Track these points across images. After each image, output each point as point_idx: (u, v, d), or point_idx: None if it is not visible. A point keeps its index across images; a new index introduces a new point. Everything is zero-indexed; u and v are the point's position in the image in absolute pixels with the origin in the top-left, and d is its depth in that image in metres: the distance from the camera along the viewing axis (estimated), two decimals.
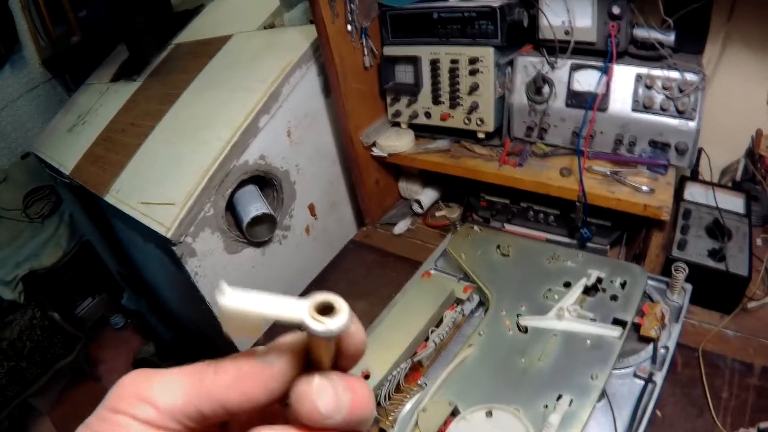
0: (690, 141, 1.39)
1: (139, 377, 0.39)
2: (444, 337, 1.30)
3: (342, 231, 2.00)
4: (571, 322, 1.20)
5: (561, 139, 1.56)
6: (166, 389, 0.38)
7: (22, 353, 3.10)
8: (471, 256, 1.46)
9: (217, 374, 0.39)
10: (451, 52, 1.56)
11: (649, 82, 1.40)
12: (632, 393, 1.14)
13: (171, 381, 0.39)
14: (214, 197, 1.56)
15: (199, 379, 0.39)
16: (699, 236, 1.42)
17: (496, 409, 1.04)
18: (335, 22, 1.54)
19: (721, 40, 1.53)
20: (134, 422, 0.37)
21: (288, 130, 1.70)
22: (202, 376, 0.39)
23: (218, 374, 0.39)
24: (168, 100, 2.02)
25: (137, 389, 0.38)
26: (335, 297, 0.38)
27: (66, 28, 3.15)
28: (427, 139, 1.78)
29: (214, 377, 0.39)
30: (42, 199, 3.38)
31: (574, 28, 1.42)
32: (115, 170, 1.90)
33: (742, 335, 1.30)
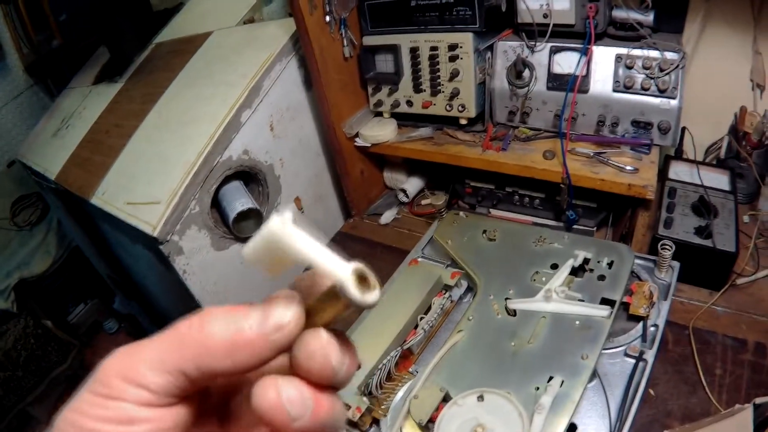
0: (672, 120, 1.39)
1: (123, 359, 0.38)
2: (433, 323, 1.30)
3: (329, 223, 1.99)
4: (560, 303, 1.20)
5: (543, 122, 1.56)
6: (153, 368, 0.37)
7: (18, 362, 3.09)
8: (457, 242, 1.46)
9: (207, 342, 0.37)
10: (430, 40, 1.56)
11: (629, 63, 1.40)
12: (623, 372, 1.14)
13: (156, 358, 0.37)
14: (199, 194, 1.55)
15: (183, 347, 0.37)
16: (685, 214, 1.43)
17: (488, 393, 1.04)
18: (313, 14, 1.53)
19: (700, 18, 1.53)
20: (130, 405, 0.36)
21: (270, 124, 1.69)
22: (184, 344, 0.37)
23: (208, 341, 0.37)
24: (150, 99, 2.01)
25: (124, 372, 0.37)
26: (371, 272, 0.38)
27: (47, 33, 3.14)
28: (409, 127, 1.78)
29: (204, 346, 0.37)
30: (29, 206, 3.37)
31: (552, 11, 1.41)
32: (101, 172, 1.89)
33: (732, 311, 1.31)
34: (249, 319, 0.38)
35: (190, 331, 0.38)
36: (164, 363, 0.37)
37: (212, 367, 0.37)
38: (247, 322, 0.37)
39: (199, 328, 0.37)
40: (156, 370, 0.37)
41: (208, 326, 0.37)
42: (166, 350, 0.37)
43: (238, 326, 0.37)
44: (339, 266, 0.37)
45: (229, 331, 0.37)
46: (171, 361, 0.37)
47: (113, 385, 0.36)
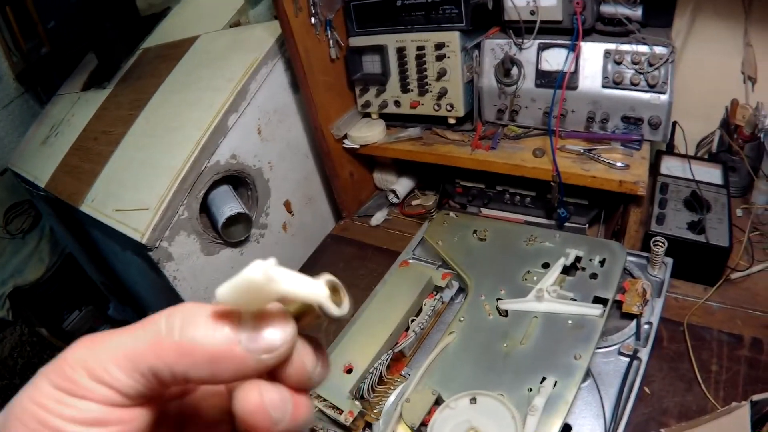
0: (663, 115, 1.38)
1: (90, 351, 0.35)
2: (424, 325, 1.29)
3: (320, 226, 1.98)
4: (552, 303, 1.19)
5: (533, 120, 1.55)
6: (124, 367, 0.34)
7: (15, 370, 3.09)
8: (448, 242, 1.45)
9: (189, 349, 0.34)
10: (417, 39, 1.55)
11: (618, 58, 1.39)
12: (618, 371, 1.13)
13: (129, 356, 0.34)
14: (187, 200, 1.54)
15: (160, 349, 0.34)
16: (677, 210, 1.42)
17: (480, 396, 1.03)
18: (299, 15, 1.52)
19: (689, 11, 1.53)
20: (98, 406, 0.34)
21: (258, 128, 1.69)
22: (162, 347, 0.35)
23: (190, 348, 0.34)
24: (138, 105, 2.00)
25: (91, 367, 0.34)
26: (340, 283, 0.39)
27: (36, 41, 3.13)
28: (398, 128, 1.77)
29: (184, 352, 0.35)
30: (22, 214, 3.36)
31: (539, 7, 1.41)
32: (90, 179, 1.88)
33: (727, 306, 1.30)
34: (239, 333, 0.35)
35: (171, 334, 0.35)
36: (137, 363, 0.34)
37: (189, 375, 0.35)
38: (237, 336, 0.35)
39: (181, 331, 0.35)
40: (127, 370, 0.34)
41: (192, 332, 0.35)
42: (141, 349, 0.35)
43: (226, 339, 0.35)
44: (315, 288, 0.37)
45: (215, 343, 0.35)
46: (145, 361, 0.34)
47: (79, 382, 0.34)
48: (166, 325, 0.35)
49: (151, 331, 0.35)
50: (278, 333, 0.36)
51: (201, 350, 0.34)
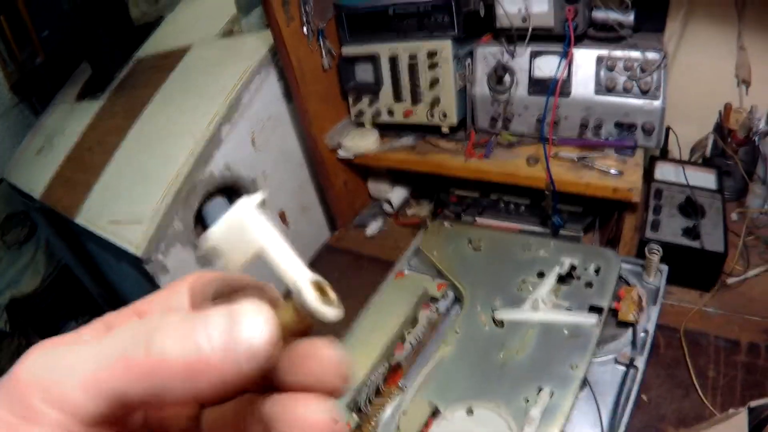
0: (656, 120, 1.39)
1: (45, 370, 0.30)
2: (420, 337, 1.29)
3: (314, 236, 1.98)
4: (547, 312, 1.19)
5: (526, 127, 1.55)
6: (85, 390, 0.29)
7: None
8: (443, 252, 1.44)
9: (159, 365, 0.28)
10: (409, 48, 1.55)
11: (610, 64, 1.39)
12: (615, 379, 1.13)
13: (90, 377, 0.29)
14: (182, 212, 1.54)
15: (128, 369, 0.28)
16: (672, 215, 1.42)
17: (477, 407, 1.04)
18: (290, 25, 1.52)
19: (682, 15, 1.53)
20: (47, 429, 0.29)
21: (252, 138, 1.68)
22: (129, 366, 0.28)
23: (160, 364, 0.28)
24: (132, 115, 2.00)
25: (47, 388, 0.29)
26: (331, 289, 0.34)
27: (31, 51, 3.13)
28: (392, 137, 1.77)
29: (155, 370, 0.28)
30: (18, 225, 3.36)
31: (530, 14, 1.41)
32: (84, 191, 1.88)
33: (724, 312, 1.30)
34: (211, 335, 0.29)
35: (137, 351, 0.29)
36: (100, 386, 0.29)
37: (161, 395, 0.29)
38: (209, 341, 0.29)
39: (148, 346, 0.29)
40: (89, 393, 0.29)
41: (160, 342, 0.29)
42: (104, 369, 0.29)
43: (200, 344, 0.29)
44: (299, 269, 0.33)
45: (187, 354, 0.28)
46: (110, 384, 0.29)
47: (33, 407, 0.29)
48: (132, 342, 0.29)
49: (115, 347, 0.30)
50: (254, 329, 0.29)
51: (175, 365, 0.28)
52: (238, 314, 0.29)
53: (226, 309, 0.30)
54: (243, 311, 0.29)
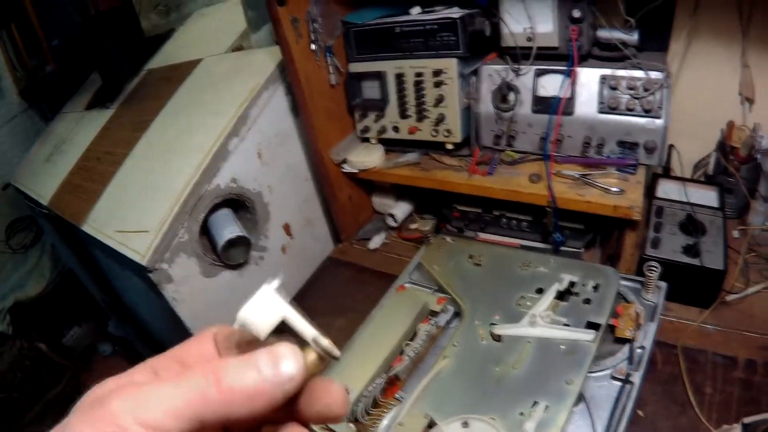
0: (658, 139, 1.40)
1: (135, 401, 0.38)
2: (419, 350, 1.29)
3: (318, 249, 1.99)
4: (545, 328, 1.20)
5: (529, 145, 1.57)
6: (172, 415, 0.38)
7: (14, 384, 3.09)
8: (444, 267, 1.46)
9: (229, 395, 0.40)
10: (415, 66, 1.57)
11: (613, 83, 1.41)
12: (610, 395, 1.14)
13: (175, 405, 0.39)
14: (188, 223, 1.56)
15: (205, 398, 0.39)
16: (673, 233, 1.43)
17: (472, 420, 1.05)
18: (299, 42, 1.54)
19: (685, 35, 1.54)
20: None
21: (259, 152, 1.70)
22: (206, 396, 0.39)
23: (230, 394, 0.40)
24: (141, 127, 2.02)
25: (140, 416, 0.38)
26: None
27: (41, 58, 3.15)
28: (396, 153, 1.78)
29: (226, 399, 0.40)
30: (24, 229, 3.38)
31: (536, 34, 1.42)
32: (92, 199, 1.90)
33: (722, 329, 1.31)
34: (264, 371, 0.41)
35: (209, 384, 0.40)
36: (184, 412, 0.38)
37: (231, 416, 0.40)
38: (263, 374, 0.41)
39: (217, 381, 0.40)
40: (175, 418, 0.38)
41: (228, 379, 0.40)
42: (186, 399, 0.39)
43: (257, 379, 0.41)
44: (310, 328, 0.45)
45: (249, 384, 0.40)
46: (192, 411, 0.39)
47: (128, 428, 0.37)
48: (204, 378, 0.40)
49: (195, 383, 0.40)
50: (291, 363, 0.42)
51: (240, 394, 0.40)
52: (279, 355, 0.42)
53: (269, 351, 0.42)
54: (283, 352, 0.42)
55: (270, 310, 0.44)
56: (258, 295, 0.44)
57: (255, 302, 0.43)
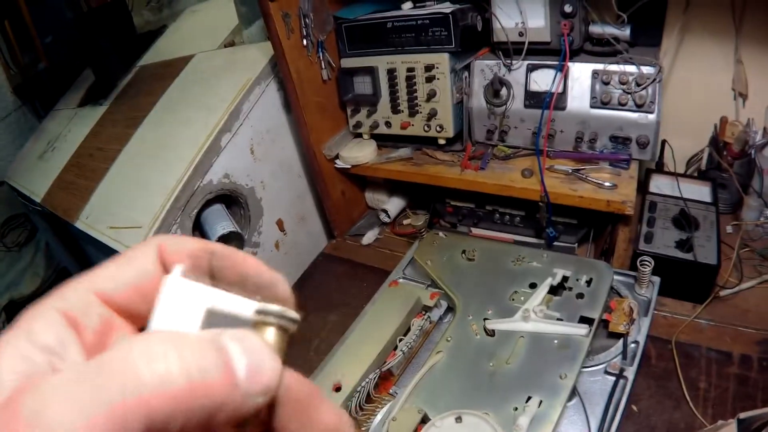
0: (651, 134, 1.40)
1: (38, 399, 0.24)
2: (412, 345, 1.29)
3: (312, 244, 1.99)
4: (538, 323, 1.20)
5: (522, 140, 1.57)
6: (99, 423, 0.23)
7: None
8: (437, 262, 1.46)
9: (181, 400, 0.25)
10: (407, 61, 1.57)
11: (605, 78, 1.41)
12: (604, 390, 1.14)
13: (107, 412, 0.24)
14: (181, 218, 1.55)
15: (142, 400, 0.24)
16: (666, 228, 1.43)
17: (466, 414, 1.04)
18: (290, 37, 1.54)
19: (678, 30, 1.54)
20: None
21: (251, 147, 1.69)
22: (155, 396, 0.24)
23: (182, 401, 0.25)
24: (133, 123, 2.01)
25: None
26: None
27: (33, 55, 3.15)
28: (389, 148, 1.79)
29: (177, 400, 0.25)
30: (18, 227, 3.37)
31: (527, 29, 1.43)
32: (85, 196, 1.89)
33: (716, 324, 1.31)
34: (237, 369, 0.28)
35: (155, 379, 0.25)
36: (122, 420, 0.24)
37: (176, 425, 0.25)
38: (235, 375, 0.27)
39: (167, 373, 0.25)
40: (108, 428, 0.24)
41: (186, 371, 0.26)
42: (128, 402, 0.24)
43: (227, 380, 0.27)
44: (247, 302, 0.32)
45: (217, 383, 0.27)
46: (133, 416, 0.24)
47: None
48: (150, 369, 0.25)
49: (127, 380, 0.25)
50: (269, 364, 0.29)
51: (200, 398, 0.26)
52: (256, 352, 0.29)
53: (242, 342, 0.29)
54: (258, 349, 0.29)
55: (188, 306, 0.31)
56: (164, 294, 0.31)
57: (166, 303, 0.31)
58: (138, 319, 0.35)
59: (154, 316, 0.31)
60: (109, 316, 0.34)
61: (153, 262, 0.35)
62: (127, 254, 0.36)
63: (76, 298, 0.33)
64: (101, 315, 0.34)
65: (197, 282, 0.32)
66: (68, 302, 0.33)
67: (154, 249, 0.36)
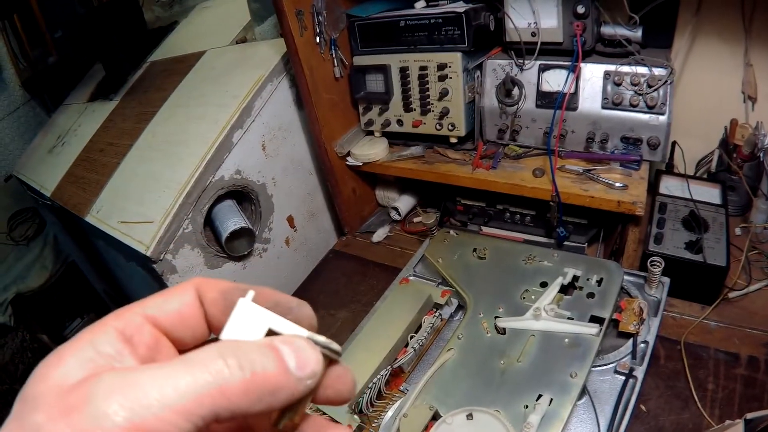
0: (661, 135, 1.40)
1: (117, 390, 0.31)
2: (423, 342, 1.30)
3: (322, 241, 2.00)
4: (549, 321, 1.20)
5: (533, 139, 1.57)
6: (179, 411, 0.31)
7: (16, 376, 3.10)
8: (448, 260, 1.46)
9: (249, 392, 0.34)
10: (419, 59, 1.57)
11: (617, 79, 1.41)
12: (614, 389, 1.14)
13: (184, 404, 0.31)
14: (192, 214, 1.56)
15: (224, 391, 0.33)
16: (675, 229, 1.43)
17: (477, 412, 1.05)
18: (303, 34, 1.54)
19: (689, 32, 1.54)
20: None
21: (263, 144, 1.70)
22: (226, 388, 0.33)
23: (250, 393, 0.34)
24: (144, 118, 2.02)
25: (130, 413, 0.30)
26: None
27: (43, 50, 3.15)
28: (400, 146, 1.79)
29: (245, 392, 0.34)
30: (26, 221, 3.38)
31: (540, 29, 1.43)
32: (95, 190, 1.90)
33: (725, 325, 1.31)
34: (288, 361, 0.37)
35: (231, 371, 0.33)
36: (193, 407, 0.32)
37: (250, 410, 0.34)
38: (288, 365, 0.36)
39: (241, 367, 0.34)
40: (185, 416, 0.31)
41: (253, 366, 0.34)
42: (198, 392, 0.32)
43: (282, 369, 0.36)
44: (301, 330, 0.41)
45: (274, 375, 0.35)
46: (206, 404, 0.32)
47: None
48: (227, 365, 0.34)
49: (211, 370, 0.33)
50: (313, 356, 0.38)
51: (264, 385, 0.35)
52: (300, 347, 0.38)
53: (286, 340, 0.38)
54: (302, 345, 0.38)
55: (254, 325, 0.39)
56: (236, 312, 0.40)
57: (235, 321, 0.40)
58: (178, 343, 0.42)
59: (226, 327, 0.40)
60: (158, 336, 0.41)
61: (192, 296, 0.43)
62: (171, 289, 0.43)
63: (130, 319, 0.40)
64: (152, 334, 0.40)
65: (263, 308, 0.41)
66: (123, 322, 0.39)
67: (193, 286, 0.43)
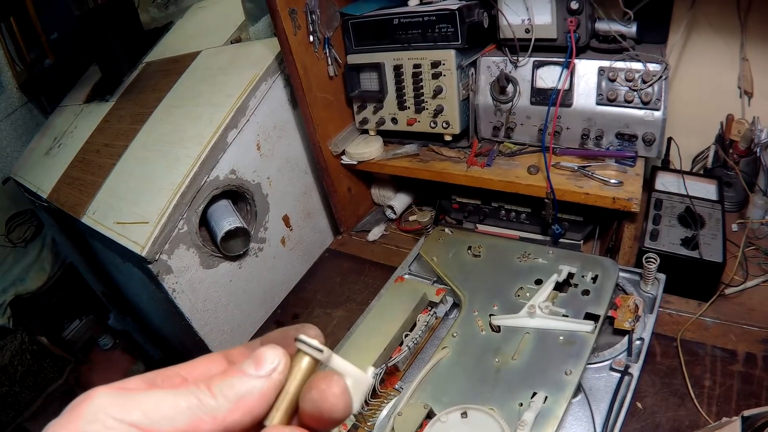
0: (657, 131, 1.40)
1: (115, 397, 0.36)
2: (418, 340, 1.30)
3: (318, 240, 1.99)
4: (543, 319, 1.20)
5: (528, 136, 1.57)
6: (161, 417, 0.37)
7: (15, 378, 3.10)
8: (443, 258, 1.46)
9: (217, 397, 0.39)
10: (413, 57, 1.57)
11: (612, 75, 1.41)
12: (609, 386, 1.14)
13: (163, 411, 0.37)
14: (187, 214, 1.55)
15: (198, 407, 0.38)
16: (671, 225, 1.43)
17: (471, 410, 1.05)
18: (297, 33, 1.54)
19: (684, 27, 1.54)
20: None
21: (257, 143, 1.70)
22: (199, 403, 0.38)
23: (218, 397, 0.39)
24: (140, 119, 2.02)
25: (121, 413, 0.35)
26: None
27: (39, 52, 3.15)
28: (395, 144, 1.79)
29: (215, 400, 0.39)
30: (24, 223, 3.37)
31: (534, 25, 1.42)
32: (91, 191, 1.90)
33: (722, 322, 1.31)
34: (247, 371, 0.41)
35: (202, 391, 0.39)
36: (176, 417, 0.37)
37: (228, 424, 0.39)
38: (247, 374, 0.41)
39: (208, 387, 0.39)
40: (169, 422, 0.37)
41: (219, 385, 0.40)
42: (178, 406, 0.38)
43: (243, 379, 0.40)
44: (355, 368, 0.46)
45: (237, 385, 0.40)
46: (185, 416, 0.38)
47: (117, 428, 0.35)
48: (198, 386, 0.40)
49: (189, 392, 0.39)
50: (271, 354, 0.42)
51: (232, 397, 0.39)
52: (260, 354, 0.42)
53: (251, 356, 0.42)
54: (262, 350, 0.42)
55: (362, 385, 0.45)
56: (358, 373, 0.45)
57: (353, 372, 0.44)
58: None
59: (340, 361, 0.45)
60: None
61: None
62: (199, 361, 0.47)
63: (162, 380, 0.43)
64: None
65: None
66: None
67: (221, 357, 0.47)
